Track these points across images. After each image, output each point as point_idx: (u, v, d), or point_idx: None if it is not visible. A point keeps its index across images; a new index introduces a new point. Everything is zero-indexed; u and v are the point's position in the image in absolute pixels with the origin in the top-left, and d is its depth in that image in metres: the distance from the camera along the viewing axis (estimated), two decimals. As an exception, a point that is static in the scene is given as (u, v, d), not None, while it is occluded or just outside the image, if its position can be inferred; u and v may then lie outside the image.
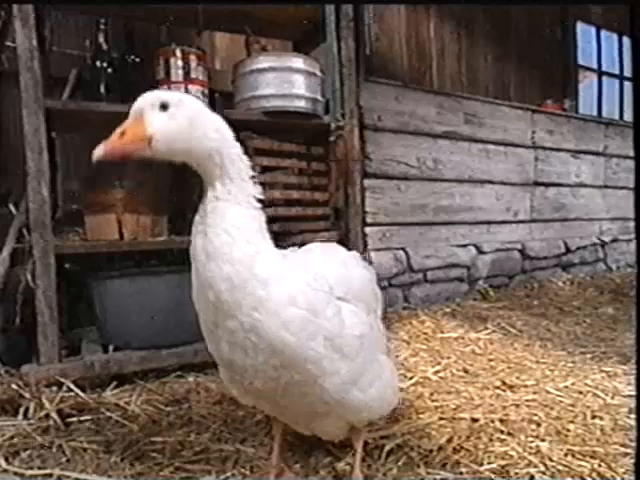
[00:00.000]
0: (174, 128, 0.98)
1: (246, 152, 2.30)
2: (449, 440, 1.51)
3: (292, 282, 1.04)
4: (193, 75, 2.24)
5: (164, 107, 0.99)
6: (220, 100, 2.55)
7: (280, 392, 1.11)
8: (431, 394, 1.89)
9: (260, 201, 1.12)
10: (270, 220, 2.30)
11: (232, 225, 1.00)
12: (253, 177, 1.10)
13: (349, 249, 2.39)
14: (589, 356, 2.33)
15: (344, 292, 1.17)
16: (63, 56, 2.51)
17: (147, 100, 1.01)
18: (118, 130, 1.05)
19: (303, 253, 1.23)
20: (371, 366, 1.19)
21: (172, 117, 0.98)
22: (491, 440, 1.52)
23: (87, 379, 1.97)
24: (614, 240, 5.06)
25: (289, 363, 1.05)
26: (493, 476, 1.33)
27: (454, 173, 3.89)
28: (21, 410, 1.74)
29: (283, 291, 1.01)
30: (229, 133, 1.07)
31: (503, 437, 1.53)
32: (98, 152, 1.04)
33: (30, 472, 1.39)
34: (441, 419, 1.66)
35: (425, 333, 2.75)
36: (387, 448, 1.46)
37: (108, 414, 1.75)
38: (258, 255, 1.01)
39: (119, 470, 1.40)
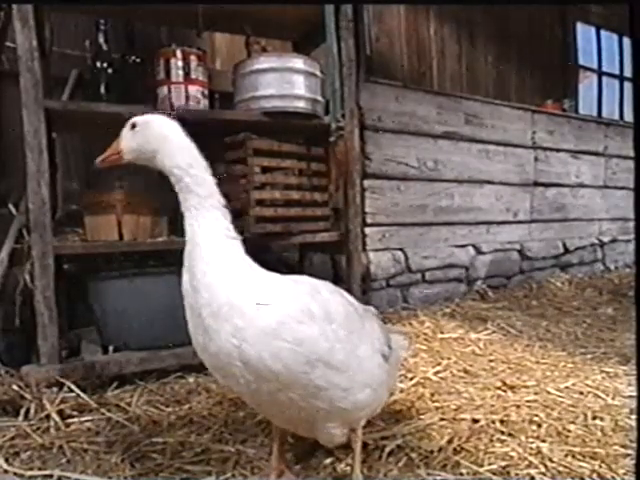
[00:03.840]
0: (134, 144, 1.20)
1: (246, 152, 2.31)
2: (449, 441, 1.51)
3: (275, 313, 1.05)
4: (193, 75, 2.24)
5: (133, 127, 1.21)
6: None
7: (277, 407, 1.16)
8: (432, 395, 1.89)
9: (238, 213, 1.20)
10: (270, 220, 2.32)
11: (213, 258, 1.08)
12: (225, 205, 1.18)
13: (349, 249, 2.42)
14: (589, 357, 2.33)
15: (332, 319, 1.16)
16: (63, 56, 2.51)
17: (129, 122, 1.22)
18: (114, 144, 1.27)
19: (292, 282, 1.20)
20: (363, 367, 1.20)
21: (135, 135, 1.20)
22: (491, 441, 1.52)
23: (87, 380, 1.97)
24: (613, 240, 5.06)
25: (283, 387, 1.08)
26: (493, 477, 1.33)
27: (454, 173, 3.89)
28: (22, 411, 1.74)
29: (265, 322, 1.04)
30: (195, 159, 1.17)
31: (504, 438, 1.53)
32: (97, 161, 1.28)
33: (30, 473, 1.39)
34: (442, 420, 1.66)
35: (425, 334, 2.75)
36: (387, 449, 1.46)
37: (109, 415, 1.75)
38: (237, 283, 1.07)
39: (119, 471, 1.40)
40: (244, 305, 1.05)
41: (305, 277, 1.26)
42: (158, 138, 1.17)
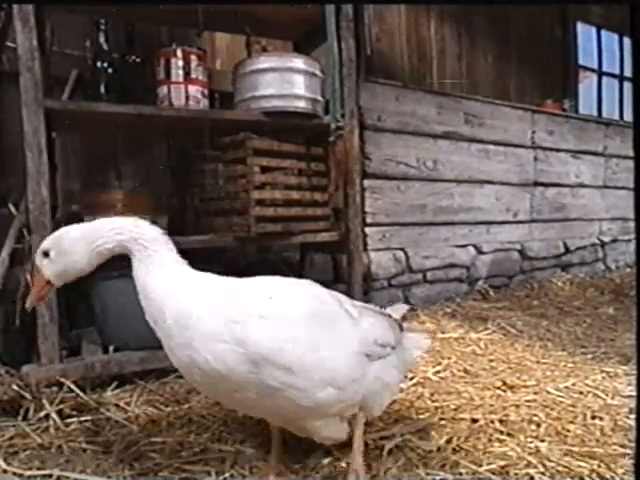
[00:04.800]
0: (58, 268, 1.19)
1: (246, 152, 2.31)
2: (449, 441, 1.51)
3: (218, 317, 1.09)
4: (193, 75, 2.24)
5: (46, 254, 1.19)
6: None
7: (249, 407, 1.23)
8: (431, 394, 1.89)
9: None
10: (270, 220, 2.32)
11: (160, 283, 1.15)
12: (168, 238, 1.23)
13: (349, 249, 2.42)
14: (589, 356, 2.33)
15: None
16: (63, 56, 2.51)
17: (37, 254, 1.21)
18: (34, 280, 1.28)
19: (247, 284, 1.22)
20: (325, 366, 1.17)
21: (52, 261, 1.18)
22: (490, 441, 1.52)
23: (87, 380, 1.97)
24: (613, 240, 5.06)
25: (238, 388, 1.12)
26: (492, 477, 1.33)
27: (454, 173, 3.89)
28: (21, 410, 1.74)
29: (207, 327, 1.09)
30: (118, 222, 1.19)
31: (503, 438, 1.53)
32: (28, 304, 1.26)
33: (29, 472, 1.39)
34: (441, 419, 1.66)
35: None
36: (387, 448, 1.46)
37: (108, 414, 1.75)
38: (183, 296, 1.12)
39: (118, 470, 1.40)
40: (190, 315, 1.10)
41: (275, 278, 1.27)
42: (76, 243, 1.17)
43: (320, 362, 1.14)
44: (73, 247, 1.17)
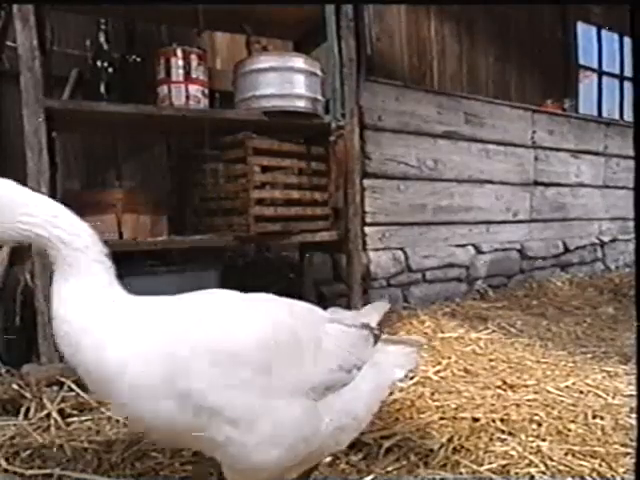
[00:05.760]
0: None
1: (246, 152, 2.31)
2: (449, 440, 1.51)
3: (149, 368, 0.88)
4: (194, 75, 2.24)
5: None
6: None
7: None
8: (432, 394, 1.89)
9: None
10: (270, 220, 2.32)
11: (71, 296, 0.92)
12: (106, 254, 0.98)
13: (349, 249, 2.42)
14: (590, 356, 2.34)
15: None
16: (63, 56, 2.51)
17: None
18: None
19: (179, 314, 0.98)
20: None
21: None
22: (491, 440, 1.52)
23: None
24: (613, 240, 5.06)
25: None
26: (493, 476, 1.33)
27: (454, 173, 3.89)
28: (22, 410, 1.74)
29: (139, 382, 0.88)
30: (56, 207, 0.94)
31: (504, 437, 1.53)
32: None
33: (30, 472, 1.39)
34: (442, 419, 1.66)
35: (425, 333, 2.75)
36: (386, 446, 1.46)
37: (109, 414, 1.75)
38: (102, 339, 0.90)
39: (119, 470, 1.40)
40: (116, 364, 0.88)
41: (228, 296, 1.05)
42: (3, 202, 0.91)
43: (269, 413, 0.93)
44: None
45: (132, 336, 0.90)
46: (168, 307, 0.98)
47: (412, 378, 2.04)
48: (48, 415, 1.70)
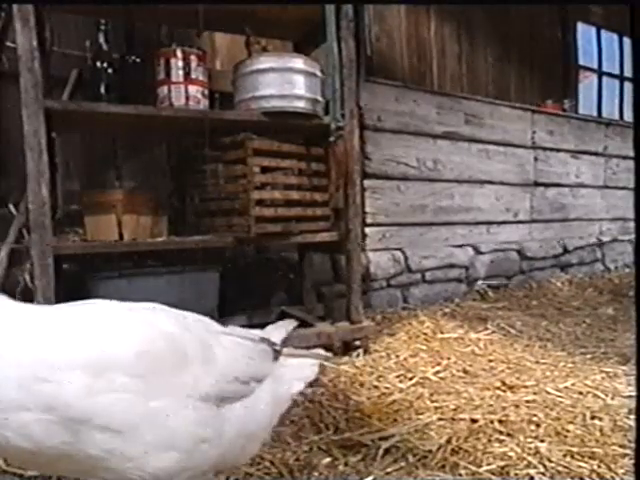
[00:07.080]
0: None
1: (245, 152, 2.30)
2: (448, 441, 1.51)
3: (10, 379, 0.80)
4: (193, 75, 2.24)
5: None
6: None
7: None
8: (431, 394, 1.89)
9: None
10: (270, 220, 2.32)
11: None
12: None
13: (349, 249, 2.42)
14: (589, 356, 2.33)
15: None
16: (63, 56, 2.51)
17: None
18: None
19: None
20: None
21: None
22: (490, 441, 1.52)
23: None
24: (613, 240, 5.06)
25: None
26: (492, 477, 1.33)
27: (454, 173, 3.89)
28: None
29: None
30: None
31: (502, 438, 1.53)
32: None
33: (30, 473, 1.39)
34: (440, 420, 1.66)
35: (425, 333, 2.75)
36: (384, 447, 1.46)
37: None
38: None
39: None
40: None
41: (108, 306, 0.99)
42: None
43: (153, 417, 0.87)
44: None
45: None
46: (38, 315, 0.91)
47: (411, 379, 2.04)
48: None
